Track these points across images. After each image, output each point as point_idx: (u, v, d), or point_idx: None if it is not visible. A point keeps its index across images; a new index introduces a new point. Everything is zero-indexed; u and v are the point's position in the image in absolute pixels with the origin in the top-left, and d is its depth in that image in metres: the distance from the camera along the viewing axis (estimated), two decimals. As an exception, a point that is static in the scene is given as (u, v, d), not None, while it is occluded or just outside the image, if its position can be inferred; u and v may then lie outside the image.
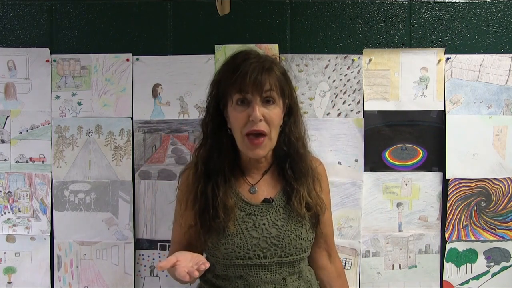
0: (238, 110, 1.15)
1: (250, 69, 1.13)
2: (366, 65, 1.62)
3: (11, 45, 1.64)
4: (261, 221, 1.18)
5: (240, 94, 1.14)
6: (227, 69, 1.19)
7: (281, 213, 1.21)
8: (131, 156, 1.64)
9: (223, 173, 1.20)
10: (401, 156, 1.63)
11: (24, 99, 1.65)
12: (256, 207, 1.20)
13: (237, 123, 1.16)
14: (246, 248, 1.16)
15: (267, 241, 1.17)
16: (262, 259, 1.16)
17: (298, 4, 1.62)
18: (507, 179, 1.62)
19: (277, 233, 1.18)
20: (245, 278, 1.17)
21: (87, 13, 1.63)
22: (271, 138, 1.17)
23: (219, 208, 1.16)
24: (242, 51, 1.22)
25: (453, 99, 1.61)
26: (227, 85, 1.17)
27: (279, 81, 1.17)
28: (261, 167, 1.25)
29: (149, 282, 1.65)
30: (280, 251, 1.17)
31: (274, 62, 1.21)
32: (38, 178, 1.65)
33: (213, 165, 1.20)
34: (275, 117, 1.16)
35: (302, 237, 1.20)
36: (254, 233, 1.17)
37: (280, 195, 1.23)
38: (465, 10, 1.61)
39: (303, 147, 1.25)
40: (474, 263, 1.63)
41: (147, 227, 1.65)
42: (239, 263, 1.16)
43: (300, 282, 1.23)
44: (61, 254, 1.65)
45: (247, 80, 1.12)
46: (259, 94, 1.13)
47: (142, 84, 1.64)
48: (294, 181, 1.22)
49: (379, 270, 1.64)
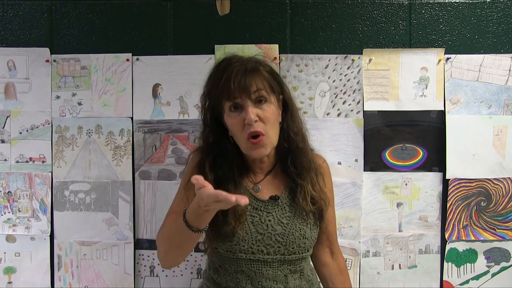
0: (233, 117, 1.15)
1: (233, 74, 1.13)
2: (366, 65, 1.62)
3: (11, 45, 1.64)
4: (267, 217, 1.19)
5: (230, 100, 1.14)
6: (212, 78, 1.19)
7: (287, 211, 1.21)
8: (131, 156, 1.64)
9: (233, 179, 1.19)
10: (401, 156, 1.63)
11: (24, 99, 1.65)
12: (263, 203, 1.21)
13: (235, 129, 1.16)
14: (250, 242, 1.16)
15: (272, 238, 1.17)
16: (265, 255, 1.16)
17: (298, 4, 1.62)
18: (507, 179, 1.62)
19: (282, 231, 1.18)
20: (247, 273, 1.17)
21: (87, 13, 1.63)
22: (270, 136, 1.16)
23: (229, 213, 1.14)
24: (224, 58, 1.21)
25: (453, 99, 1.61)
26: (216, 94, 1.17)
27: (266, 79, 1.17)
28: (264, 168, 1.26)
29: (149, 282, 1.66)
30: (284, 248, 1.17)
31: (259, 62, 1.20)
32: (38, 178, 1.65)
33: (222, 173, 1.19)
34: (270, 116, 1.15)
35: (306, 236, 1.20)
36: (260, 228, 1.17)
37: (285, 193, 1.24)
38: (465, 10, 1.61)
39: (302, 141, 1.24)
40: (474, 263, 1.63)
41: (147, 227, 1.65)
42: (241, 257, 1.16)
43: (301, 280, 1.23)
44: (61, 254, 1.65)
45: (232, 86, 1.12)
46: (247, 96, 1.13)
47: (142, 84, 1.64)
48: (298, 177, 1.22)
49: (379, 270, 1.64)
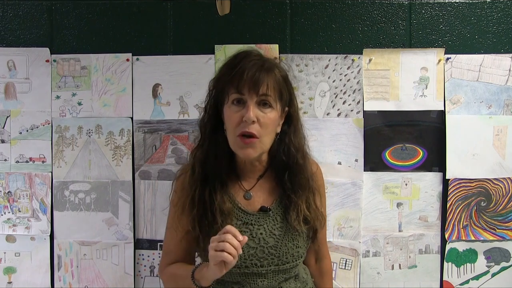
0: (233, 110, 1.12)
1: (248, 66, 1.10)
2: (366, 65, 1.62)
3: (11, 45, 1.64)
4: (258, 231, 1.16)
5: (237, 92, 1.11)
6: (226, 66, 1.17)
7: (278, 221, 1.18)
8: (131, 156, 1.64)
9: (219, 178, 1.17)
10: (401, 156, 1.63)
11: (24, 99, 1.65)
12: (253, 216, 1.18)
13: (231, 122, 1.12)
14: (243, 257, 1.13)
15: (264, 251, 1.15)
16: (259, 267, 1.14)
17: (298, 4, 1.62)
18: (507, 179, 1.62)
19: (275, 243, 1.16)
20: (242, 284, 1.16)
21: (87, 13, 1.63)
22: (263, 142, 1.13)
23: (216, 214, 1.13)
24: (244, 50, 1.19)
25: (453, 99, 1.61)
26: (224, 82, 1.14)
27: (278, 83, 1.14)
28: (256, 171, 1.22)
29: (149, 282, 1.65)
30: (277, 260, 1.16)
31: (277, 65, 1.18)
32: (38, 178, 1.65)
33: (209, 169, 1.17)
34: (269, 122, 1.12)
35: (299, 245, 1.19)
36: (251, 243, 1.14)
37: (277, 203, 1.20)
38: (465, 10, 1.61)
39: (302, 158, 1.21)
40: (474, 263, 1.63)
41: (147, 227, 1.65)
42: (235, 271, 1.13)
43: (296, 283, 1.23)
44: (61, 254, 1.65)
45: (244, 77, 1.09)
46: (255, 93, 1.10)
47: (142, 84, 1.64)
48: (292, 193, 1.19)
49: (379, 270, 1.64)
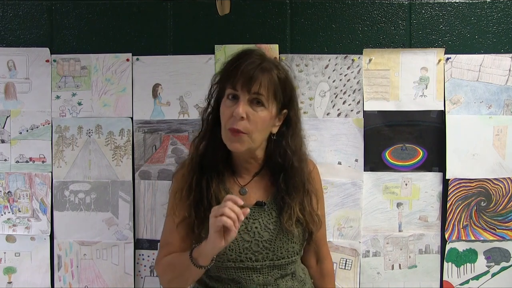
0: (227, 104, 1.14)
1: (246, 64, 1.12)
2: (366, 65, 1.62)
3: (11, 45, 1.64)
4: (253, 224, 1.17)
5: (232, 88, 1.13)
6: (228, 63, 1.18)
7: (273, 216, 1.19)
8: (131, 156, 1.64)
9: (216, 169, 1.19)
10: (401, 156, 1.63)
11: (24, 99, 1.65)
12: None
13: (224, 116, 1.14)
14: (237, 251, 1.14)
15: (259, 245, 1.16)
16: (254, 262, 1.15)
17: (298, 4, 1.62)
18: (507, 179, 1.62)
19: (269, 237, 1.17)
20: (238, 280, 1.16)
21: (87, 13, 1.63)
22: (252, 138, 1.13)
23: (212, 201, 1.15)
24: (248, 49, 1.20)
25: (453, 99, 1.61)
26: (223, 77, 1.17)
27: (273, 83, 1.13)
28: (251, 168, 1.23)
29: (149, 282, 1.65)
30: (272, 254, 1.16)
31: (277, 67, 1.18)
32: (38, 178, 1.65)
33: (207, 160, 1.19)
34: (259, 120, 1.12)
35: (295, 240, 1.19)
36: (246, 236, 1.15)
37: (272, 198, 1.21)
38: (465, 10, 1.61)
39: (298, 161, 1.21)
40: (474, 263, 1.63)
41: (147, 227, 1.65)
42: (230, 265, 1.15)
43: (293, 282, 1.22)
44: (61, 254, 1.65)
45: (239, 74, 1.11)
46: (247, 90, 1.11)
47: (142, 84, 1.64)
48: (286, 195, 1.19)
49: (379, 270, 1.64)
